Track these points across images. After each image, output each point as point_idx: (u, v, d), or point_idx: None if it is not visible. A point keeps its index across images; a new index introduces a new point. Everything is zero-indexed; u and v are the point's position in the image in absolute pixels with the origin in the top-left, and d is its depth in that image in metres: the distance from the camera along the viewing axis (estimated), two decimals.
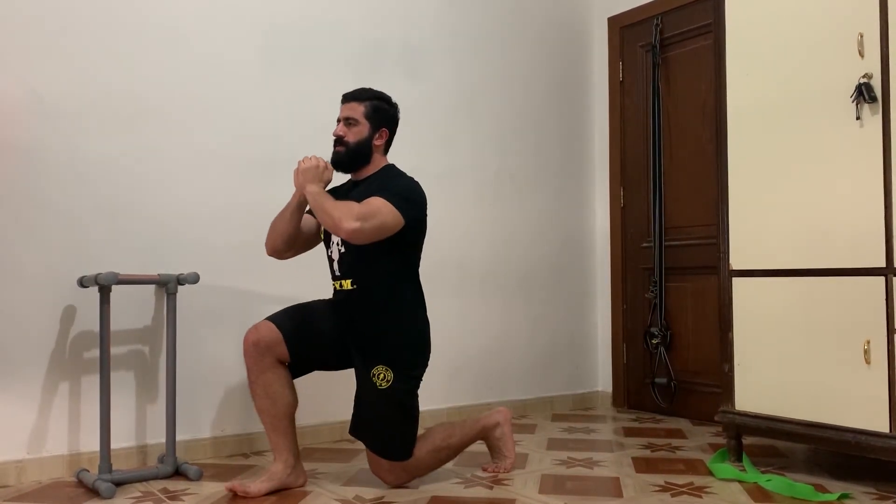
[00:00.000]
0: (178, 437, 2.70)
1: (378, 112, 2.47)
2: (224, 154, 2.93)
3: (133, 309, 2.71)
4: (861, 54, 2.33)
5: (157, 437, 2.71)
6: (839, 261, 2.38)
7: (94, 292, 2.55)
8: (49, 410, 2.56)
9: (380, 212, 2.27)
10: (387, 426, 2.36)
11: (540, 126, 3.92)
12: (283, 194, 3.04)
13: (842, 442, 2.35)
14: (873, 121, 2.31)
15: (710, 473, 2.53)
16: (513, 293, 3.77)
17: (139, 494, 2.36)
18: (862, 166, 2.33)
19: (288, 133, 3.09)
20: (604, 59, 4.07)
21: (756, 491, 2.33)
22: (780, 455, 2.82)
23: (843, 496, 2.24)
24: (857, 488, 2.34)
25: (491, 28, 3.74)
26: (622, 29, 3.98)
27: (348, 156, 2.45)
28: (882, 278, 2.28)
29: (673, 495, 2.29)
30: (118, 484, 2.42)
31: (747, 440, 2.87)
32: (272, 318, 2.38)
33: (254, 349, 2.32)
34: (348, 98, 2.49)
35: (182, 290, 2.72)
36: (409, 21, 3.45)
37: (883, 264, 2.28)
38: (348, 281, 2.42)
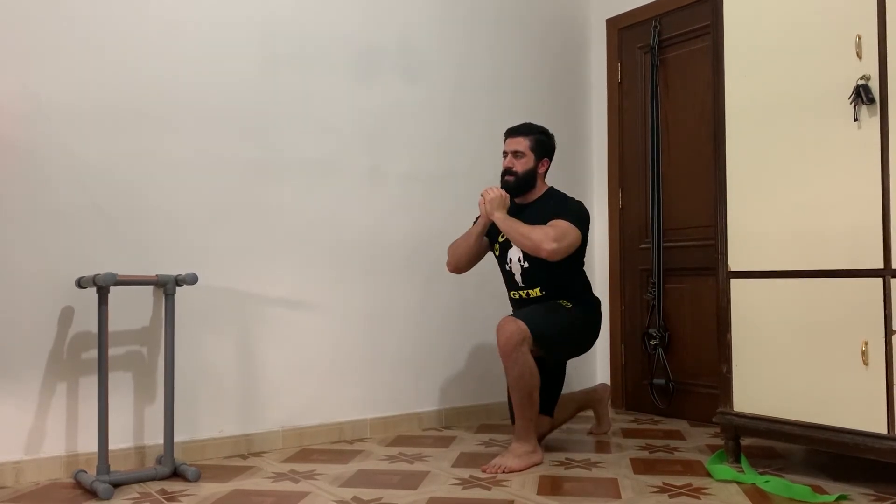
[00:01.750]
0: (177, 438, 2.70)
1: (540, 144, 2.92)
2: (223, 155, 2.93)
3: (131, 310, 2.71)
4: (859, 56, 2.34)
5: (156, 437, 2.71)
6: (837, 262, 2.38)
7: (92, 293, 2.54)
8: (47, 411, 2.55)
9: (569, 233, 2.73)
10: (551, 320, 2.75)
11: None
12: (282, 195, 3.06)
13: (840, 443, 2.35)
14: (871, 122, 2.31)
15: (709, 474, 2.53)
16: None
17: (137, 495, 2.36)
18: (860, 168, 2.33)
19: (287, 134, 3.09)
20: (602, 61, 4.08)
21: (754, 492, 2.33)
22: (778, 456, 2.83)
23: (841, 497, 2.24)
24: (855, 489, 2.34)
25: (489, 29, 3.74)
26: (620, 30, 3.98)
27: (517, 184, 2.89)
28: (880, 279, 2.28)
29: (671, 496, 2.29)
30: (116, 485, 2.42)
31: (745, 441, 2.87)
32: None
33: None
34: (514, 133, 2.93)
35: (180, 291, 2.72)
36: (407, 23, 3.45)
37: (880, 266, 2.28)
38: (536, 289, 2.87)
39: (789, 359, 2.49)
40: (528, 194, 2.93)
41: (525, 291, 2.89)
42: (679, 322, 3.64)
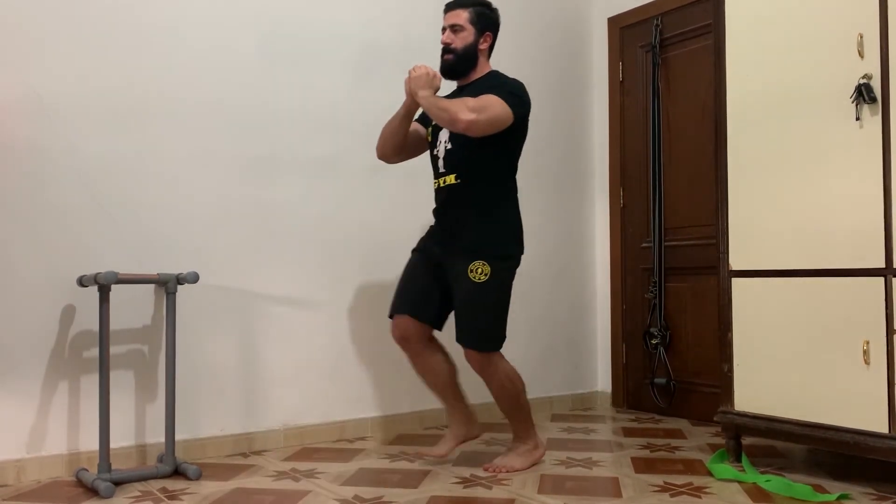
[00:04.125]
0: (178, 437, 2.70)
1: (481, 17, 2.63)
2: (224, 153, 2.93)
3: (132, 308, 2.71)
4: (861, 55, 2.33)
5: (157, 436, 2.71)
6: (838, 261, 2.38)
7: (93, 291, 2.55)
8: (48, 410, 2.56)
9: (493, 105, 2.45)
10: (480, 318, 2.56)
11: (540, 126, 3.91)
12: (283, 193, 3.06)
13: (841, 442, 2.35)
14: (873, 121, 2.31)
15: (710, 474, 2.53)
16: (512, 292, 3.76)
17: (138, 494, 2.36)
18: (861, 167, 2.33)
19: (287, 132, 3.09)
20: (604, 60, 4.08)
21: (755, 491, 2.33)
22: (779, 455, 2.83)
23: (842, 496, 2.24)
24: (856, 489, 2.34)
25: None
26: (622, 29, 3.98)
27: (457, 61, 2.62)
28: (881, 279, 2.28)
29: (672, 495, 2.29)
30: (117, 483, 2.43)
31: (746, 440, 2.87)
32: (398, 309, 2.68)
33: (403, 343, 2.70)
34: (452, 6, 2.65)
35: (182, 290, 2.73)
36: (407, 20, 3.45)
37: (882, 265, 2.28)
38: (452, 175, 2.59)
39: (790, 358, 2.49)
40: (470, 74, 2.65)
41: (443, 178, 2.61)
42: (680, 321, 3.64)
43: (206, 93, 2.90)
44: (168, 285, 2.61)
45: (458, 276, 2.57)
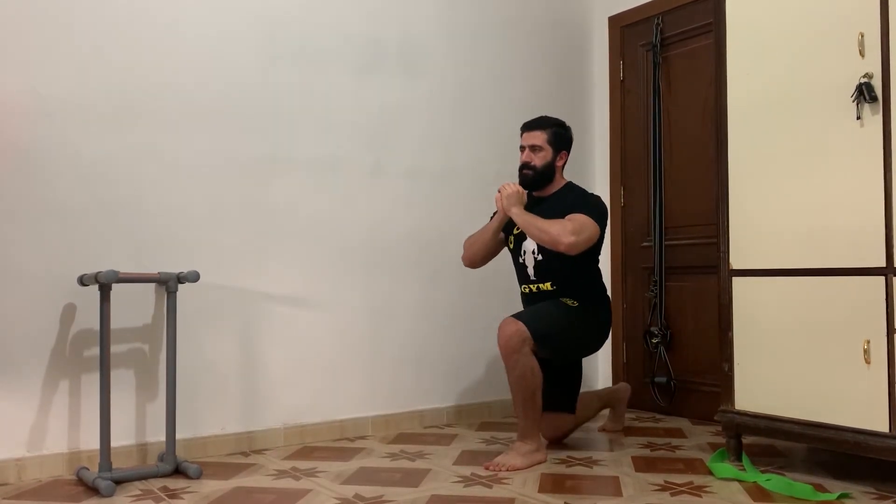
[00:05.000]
0: (178, 436, 2.70)
1: (558, 137, 2.92)
2: (224, 152, 2.93)
3: (133, 307, 2.71)
4: (861, 54, 2.33)
5: (157, 435, 2.72)
6: (839, 260, 2.38)
7: (94, 290, 2.55)
8: (49, 408, 2.56)
9: (587, 226, 2.72)
10: (550, 316, 2.75)
11: None
12: (284, 193, 3.06)
13: (841, 442, 2.35)
14: (874, 120, 2.31)
15: (710, 473, 2.53)
16: (513, 292, 3.76)
17: (139, 492, 2.36)
18: (862, 166, 2.33)
19: (289, 132, 3.09)
20: (604, 59, 4.07)
21: (755, 490, 2.33)
22: (780, 455, 2.83)
23: (843, 496, 2.24)
24: (857, 488, 2.34)
25: (491, 27, 3.74)
26: (623, 28, 3.98)
27: (535, 178, 2.89)
28: (882, 278, 2.28)
29: (672, 494, 2.29)
30: (118, 482, 2.43)
31: (747, 440, 2.87)
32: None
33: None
34: (531, 126, 2.92)
35: (182, 289, 2.73)
36: (408, 19, 3.45)
37: (883, 264, 2.28)
38: (547, 283, 2.85)
39: (791, 357, 2.49)
40: (547, 188, 2.92)
41: (536, 285, 2.88)
42: (681, 320, 3.64)
43: (206, 92, 2.90)
44: (169, 284, 2.61)
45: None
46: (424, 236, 3.45)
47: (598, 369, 4.05)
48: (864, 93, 2.31)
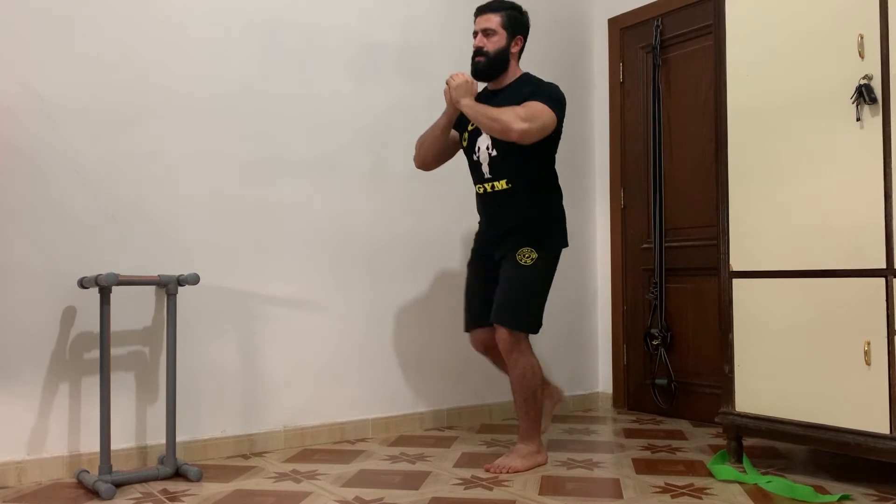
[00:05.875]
0: (179, 438, 2.70)
1: (513, 21, 2.68)
2: (224, 155, 2.94)
3: (133, 310, 2.71)
4: (861, 55, 2.33)
5: (158, 437, 2.72)
6: (839, 262, 2.38)
7: (94, 293, 2.55)
8: (49, 411, 2.56)
9: (542, 113, 2.51)
10: (520, 299, 2.62)
11: None
12: (284, 194, 3.06)
13: (842, 443, 2.35)
14: (873, 122, 2.31)
15: (711, 475, 2.53)
16: None
17: (139, 495, 2.36)
18: (862, 167, 2.33)
19: (288, 134, 3.09)
20: (604, 61, 4.07)
21: (756, 492, 2.33)
22: (781, 456, 2.82)
23: (844, 497, 2.24)
24: (858, 490, 2.34)
25: None
26: (623, 30, 3.98)
27: (489, 65, 2.65)
28: (882, 279, 2.28)
29: (673, 496, 2.29)
30: (118, 485, 2.43)
31: (747, 441, 2.87)
32: (469, 325, 2.84)
33: (484, 352, 2.85)
34: (484, 10, 2.68)
35: (182, 291, 2.73)
36: (408, 22, 3.45)
37: (883, 265, 2.28)
38: (502, 181, 2.65)
39: (791, 359, 2.49)
40: (501, 78, 2.70)
41: (491, 184, 2.68)
42: (681, 322, 3.64)
43: (206, 93, 2.90)
44: (169, 287, 2.61)
45: (506, 262, 2.66)
46: (424, 237, 3.45)
47: (599, 370, 4.05)
48: (863, 94, 2.31)
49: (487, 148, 2.66)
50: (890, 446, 2.23)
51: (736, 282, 2.66)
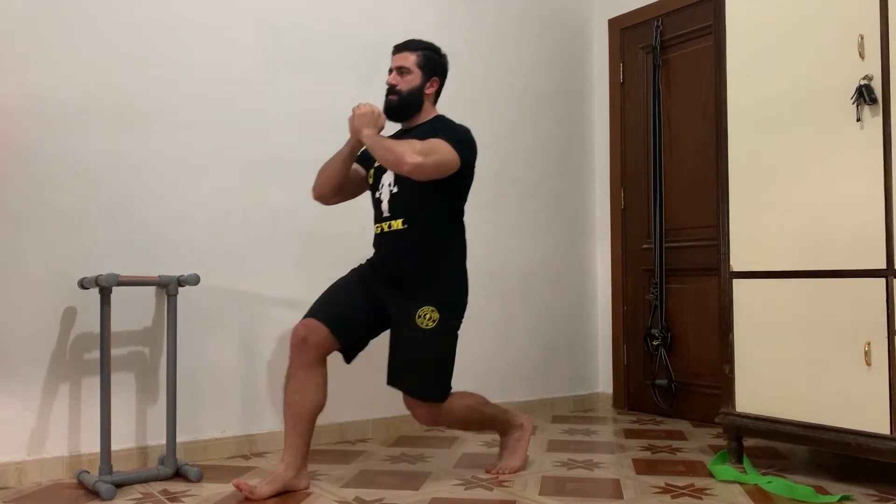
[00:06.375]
0: (179, 439, 2.70)
1: (429, 62, 2.57)
2: (225, 156, 2.94)
3: (133, 310, 2.71)
4: (861, 56, 2.34)
5: (158, 438, 2.71)
6: (839, 262, 2.38)
7: (94, 294, 2.55)
8: (49, 411, 2.56)
9: (440, 150, 2.36)
10: (427, 367, 2.43)
11: (540, 128, 3.92)
12: (284, 195, 3.06)
13: (842, 444, 2.35)
14: (874, 122, 2.31)
15: (711, 475, 2.53)
16: (513, 294, 3.77)
17: (139, 496, 2.36)
18: (862, 168, 2.33)
19: (288, 135, 3.09)
20: (604, 61, 4.08)
21: (756, 493, 2.33)
22: (781, 457, 2.82)
23: (844, 498, 2.24)
24: (858, 490, 2.34)
25: (491, 30, 3.74)
26: (623, 30, 3.98)
27: (401, 104, 2.53)
28: (882, 280, 2.28)
29: (673, 497, 2.29)
30: (118, 485, 2.42)
31: (748, 442, 2.87)
32: (317, 314, 2.46)
33: (301, 344, 2.41)
34: (400, 48, 2.58)
35: (183, 292, 2.72)
36: (408, 23, 3.45)
37: (883, 266, 2.28)
38: (399, 220, 2.48)
39: (792, 359, 2.49)
40: (414, 118, 2.57)
41: (388, 223, 2.50)
42: (681, 322, 3.64)
43: (207, 94, 2.90)
44: (169, 287, 2.61)
45: (403, 321, 2.44)
46: None
47: (599, 370, 4.05)
48: (863, 95, 2.31)
49: (390, 185, 2.50)
50: (890, 446, 2.24)
51: (736, 282, 2.66)
